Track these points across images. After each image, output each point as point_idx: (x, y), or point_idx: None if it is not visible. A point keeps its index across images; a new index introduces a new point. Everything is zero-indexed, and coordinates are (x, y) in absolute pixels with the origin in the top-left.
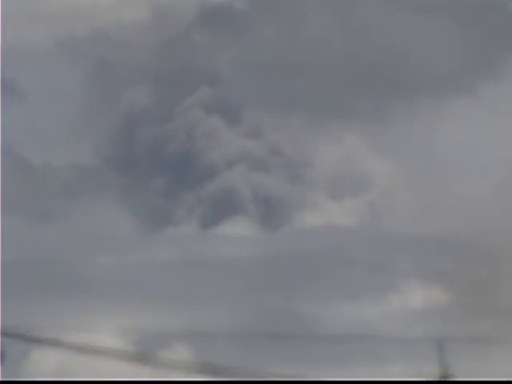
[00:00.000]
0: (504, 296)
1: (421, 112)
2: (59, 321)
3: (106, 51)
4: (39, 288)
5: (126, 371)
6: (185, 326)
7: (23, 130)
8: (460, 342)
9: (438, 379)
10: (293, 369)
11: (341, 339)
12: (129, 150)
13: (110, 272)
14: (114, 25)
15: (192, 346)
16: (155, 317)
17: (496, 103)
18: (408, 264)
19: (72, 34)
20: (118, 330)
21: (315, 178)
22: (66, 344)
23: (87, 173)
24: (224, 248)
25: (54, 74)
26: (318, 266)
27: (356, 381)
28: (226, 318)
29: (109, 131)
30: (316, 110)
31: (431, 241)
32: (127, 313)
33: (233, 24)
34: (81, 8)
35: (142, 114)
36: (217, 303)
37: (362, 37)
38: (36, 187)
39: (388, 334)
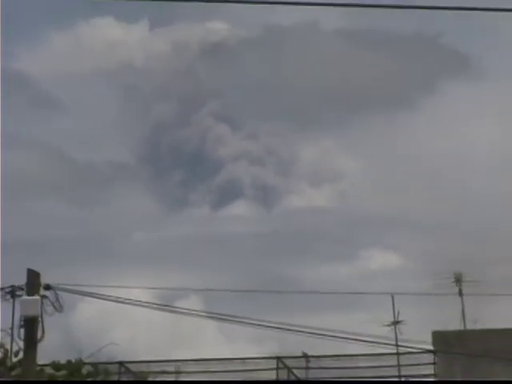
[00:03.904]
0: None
1: (376, 123)
2: (100, 282)
3: (134, 77)
4: (85, 259)
5: (151, 318)
6: (198, 284)
7: (69, 136)
8: (410, 296)
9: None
10: (282, 316)
11: (318, 294)
12: (156, 151)
13: (141, 245)
14: (139, 56)
15: (203, 299)
16: (175, 278)
17: (435, 117)
18: (371, 237)
19: (106, 63)
20: (147, 287)
21: (300, 172)
22: (105, 296)
23: (123, 168)
24: (229, 225)
25: (95, 94)
26: (301, 239)
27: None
28: (230, 279)
29: (140, 137)
30: (300, 120)
31: (392, 220)
32: (154, 275)
33: (229, 57)
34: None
35: (165, 124)
36: (223, 268)
37: (328, 68)
38: (80, 179)
39: (354, 290)
